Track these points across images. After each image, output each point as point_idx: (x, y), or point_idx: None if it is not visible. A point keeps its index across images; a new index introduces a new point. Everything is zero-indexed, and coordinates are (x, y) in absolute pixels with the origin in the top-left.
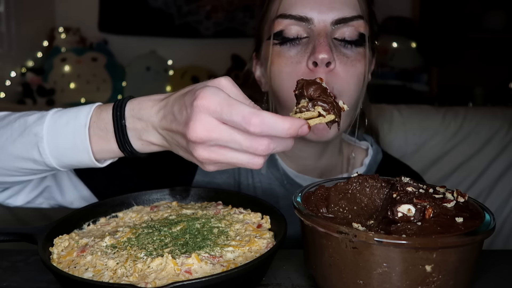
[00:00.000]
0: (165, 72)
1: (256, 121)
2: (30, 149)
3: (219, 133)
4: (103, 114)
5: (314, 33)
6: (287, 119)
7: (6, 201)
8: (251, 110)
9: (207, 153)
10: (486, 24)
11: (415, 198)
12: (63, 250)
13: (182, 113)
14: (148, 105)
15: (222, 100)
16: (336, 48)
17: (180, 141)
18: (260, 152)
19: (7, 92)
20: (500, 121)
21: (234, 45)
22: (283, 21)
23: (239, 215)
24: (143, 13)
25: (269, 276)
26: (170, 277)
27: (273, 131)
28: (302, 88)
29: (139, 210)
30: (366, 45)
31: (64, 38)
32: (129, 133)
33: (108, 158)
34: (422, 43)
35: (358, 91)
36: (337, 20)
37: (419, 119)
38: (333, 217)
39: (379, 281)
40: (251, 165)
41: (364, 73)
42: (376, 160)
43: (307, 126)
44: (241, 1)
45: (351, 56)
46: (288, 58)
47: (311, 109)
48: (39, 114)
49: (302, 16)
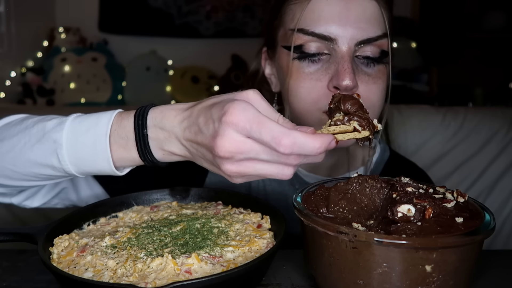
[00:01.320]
0: (165, 72)
1: (287, 142)
2: (49, 156)
3: (248, 147)
4: (124, 122)
5: (337, 54)
6: (317, 138)
7: (22, 203)
8: (281, 129)
9: (235, 167)
10: (486, 24)
11: (415, 198)
12: (63, 250)
13: (209, 126)
14: (171, 115)
15: (251, 117)
16: (357, 68)
17: (206, 154)
18: (291, 162)
19: (7, 92)
20: (500, 121)
21: (234, 45)
22: (303, 36)
23: (239, 215)
24: (143, 13)
25: (269, 276)
26: (170, 277)
27: (304, 151)
28: (339, 102)
29: (139, 210)
30: (389, 61)
31: (64, 38)
32: (150, 143)
33: (128, 166)
34: (422, 43)
35: (382, 105)
36: (362, 41)
37: (419, 119)
38: (333, 217)
39: (379, 281)
40: (281, 176)
41: (386, 88)
42: (383, 158)
43: (334, 141)
44: (241, 1)
45: (372, 74)
46: (307, 74)
47: (347, 123)
48: (58, 119)
49: (325, 35)
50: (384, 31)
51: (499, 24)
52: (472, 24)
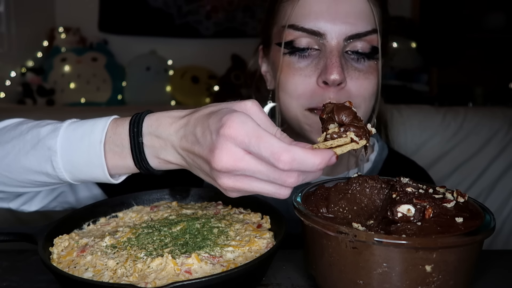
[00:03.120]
0: (165, 72)
1: (286, 157)
2: (43, 163)
3: (245, 164)
4: (119, 129)
5: (326, 49)
6: (318, 154)
7: (20, 208)
8: (281, 145)
9: (231, 181)
10: (486, 24)
11: (414, 198)
12: (63, 250)
13: (206, 137)
14: (166, 122)
15: (250, 130)
16: (347, 63)
17: (202, 165)
18: (288, 184)
19: (7, 92)
20: (500, 121)
21: (234, 45)
22: (294, 32)
23: (239, 215)
24: (143, 13)
25: (269, 276)
26: (170, 277)
27: (303, 167)
28: (332, 113)
29: (139, 210)
30: (379, 57)
31: (64, 38)
32: (146, 151)
33: (123, 174)
34: (422, 43)
35: (373, 101)
36: (351, 36)
37: (419, 119)
38: (333, 217)
39: (379, 281)
40: (278, 195)
41: (377, 84)
42: (382, 156)
43: (335, 156)
44: (241, 1)
45: (363, 69)
46: (297, 69)
47: (343, 135)
48: (52, 125)
49: (314, 30)
50: (374, 27)
51: (499, 24)
52: (472, 24)
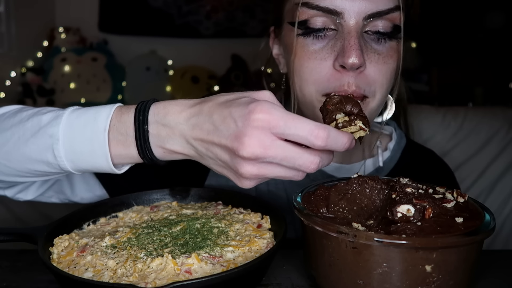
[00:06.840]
0: (165, 72)
1: (323, 134)
2: (44, 151)
3: (275, 151)
4: (124, 117)
5: (344, 29)
6: (345, 133)
7: (16, 196)
8: (316, 123)
9: (256, 169)
10: (486, 24)
11: (414, 198)
12: (63, 250)
13: (228, 125)
14: (175, 110)
15: (284, 114)
16: (366, 44)
17: (220, 154)
18: (310, 170)
19: (7, 92)
20: (500, 121)
21: (234, 45)
22: (308, 10)
23: (239, 215)
24: (143, 13)
25: (269, 276)
26: (170, 277)
27: (335, 144)
28: (341, 103)
29: (139, 210)
30: (401, 37)
31: (64, 38)
32: (151, 140)
33: (127, 164)
34: (422, 43)
35: (391, 85)
36: (371, 15)
37: (419, 119)
38: (333, 217)
39: (379, 281)
40: (295, 177)
41: (396, 68)
42: (400, 145)
43: (354, 140)
44: (241, 1)
45: (383, 52)
46: (312, 52)
47: (353, 124)
48: (53, 113)
49: (331, 8)
50: (397, 3)
51: (499, 24)
52: (472, 24)
